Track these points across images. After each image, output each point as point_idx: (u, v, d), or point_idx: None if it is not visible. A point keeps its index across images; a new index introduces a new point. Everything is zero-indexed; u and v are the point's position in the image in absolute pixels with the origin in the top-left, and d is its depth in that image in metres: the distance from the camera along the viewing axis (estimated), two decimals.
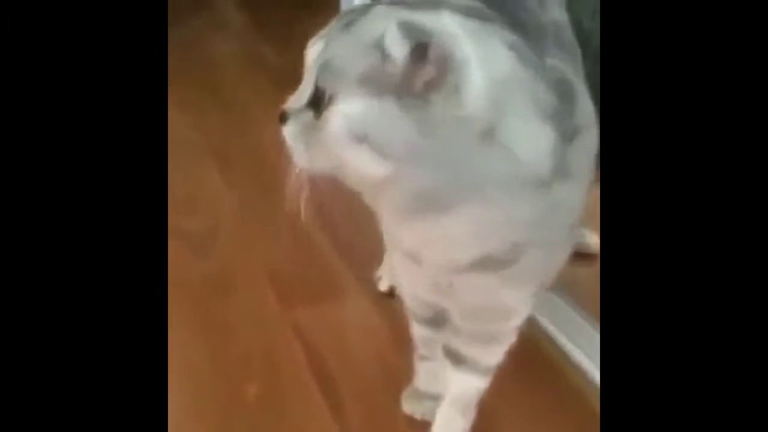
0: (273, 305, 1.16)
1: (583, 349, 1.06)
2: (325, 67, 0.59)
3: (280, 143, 0.63)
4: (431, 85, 0.57)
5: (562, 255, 0.75)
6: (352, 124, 0.58)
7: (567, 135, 0.66)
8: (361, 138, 0.58)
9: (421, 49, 0.56)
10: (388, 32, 0.56)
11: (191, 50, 1.96)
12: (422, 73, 0.56)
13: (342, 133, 0.58)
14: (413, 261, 0.72)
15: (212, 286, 1.19)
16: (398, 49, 0.56)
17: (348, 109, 0.58)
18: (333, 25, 0.63)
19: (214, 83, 1.84)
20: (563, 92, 0.66)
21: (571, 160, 0.66)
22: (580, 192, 0.71)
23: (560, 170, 0.65)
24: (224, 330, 1.11)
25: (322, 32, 0.63)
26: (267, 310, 1.15)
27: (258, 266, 1.24)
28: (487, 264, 0.68)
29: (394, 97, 0.57)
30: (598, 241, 1.23)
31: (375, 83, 0.57)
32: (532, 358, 1.04)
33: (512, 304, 0.77)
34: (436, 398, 0.92)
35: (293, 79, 0.64)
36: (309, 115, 0.60)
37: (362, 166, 0.59)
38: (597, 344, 1.04)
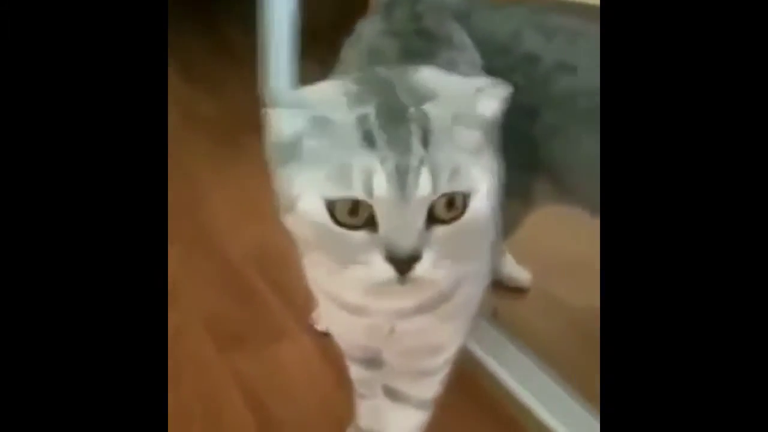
0: (211, 352, 1.15)
1: (518, 379, 1.09)
2: (455, 174, 0.56)
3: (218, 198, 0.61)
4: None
5: (484, 285, 0.79)
6: (491, 196, 0.59)
7: None
8: (494, 203, 0.60)
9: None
10: (480, 100, 0.59)
11: None
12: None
13: (487, 211, 0.59)
14: (353, 313, 0.70)
15: None
16: (492, 106, 0.60)
17: (485, 186, 0.58)
18: (396, 154, 0.55)
19: None
20: None
21: None
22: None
23: None
24: None
25: (393, 177, 0.55)
26: (205, 358, 1.14)
27: (194, 313, 1.23)
28: (431, 304, 0.69)
29: (489, 146, 0.60)
30: (529, 276, 1.29)
31: (479, 149, 0.59)
32: (469, 389, 1.06)
33: (446, 339, 0.79)
34: None
35: (228, 134, 0.62)
36: (441, 229, 0.57)
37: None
38: (531, 373, 1.08)
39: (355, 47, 0.88)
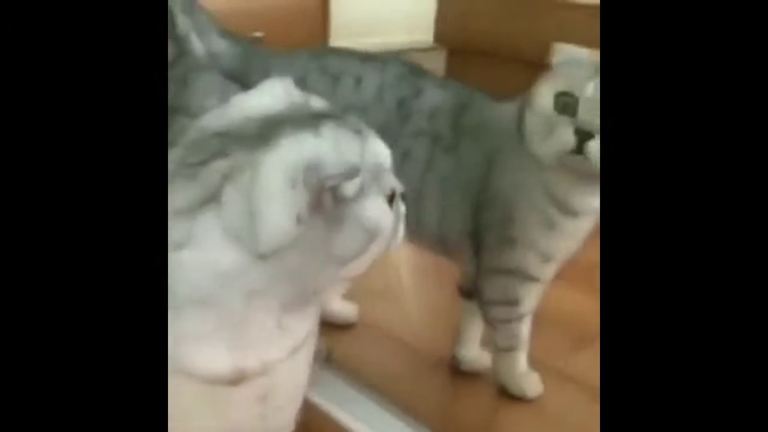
0: None
1: (356, 416, 1.09)
2: None
3: None
4: None
5: None
6: None
7: None
8: None
9: None
10: None
11: None
12: None
13: None
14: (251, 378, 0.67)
15: None
16: None
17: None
18: None
19: None
20: None
21: None
22: None
23: None
24: None
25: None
26: None
27: None
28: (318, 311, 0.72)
29: None
30: (356, 309, 1.32)
31: None
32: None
33: (307, 369, 0.76)
34: None
35: None
36: None
37: None
38: (364, 407, 1.10)
39: None
